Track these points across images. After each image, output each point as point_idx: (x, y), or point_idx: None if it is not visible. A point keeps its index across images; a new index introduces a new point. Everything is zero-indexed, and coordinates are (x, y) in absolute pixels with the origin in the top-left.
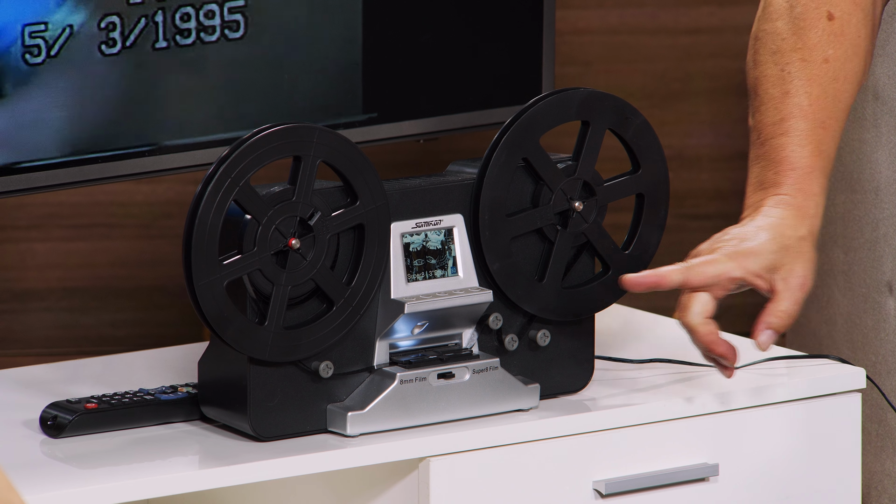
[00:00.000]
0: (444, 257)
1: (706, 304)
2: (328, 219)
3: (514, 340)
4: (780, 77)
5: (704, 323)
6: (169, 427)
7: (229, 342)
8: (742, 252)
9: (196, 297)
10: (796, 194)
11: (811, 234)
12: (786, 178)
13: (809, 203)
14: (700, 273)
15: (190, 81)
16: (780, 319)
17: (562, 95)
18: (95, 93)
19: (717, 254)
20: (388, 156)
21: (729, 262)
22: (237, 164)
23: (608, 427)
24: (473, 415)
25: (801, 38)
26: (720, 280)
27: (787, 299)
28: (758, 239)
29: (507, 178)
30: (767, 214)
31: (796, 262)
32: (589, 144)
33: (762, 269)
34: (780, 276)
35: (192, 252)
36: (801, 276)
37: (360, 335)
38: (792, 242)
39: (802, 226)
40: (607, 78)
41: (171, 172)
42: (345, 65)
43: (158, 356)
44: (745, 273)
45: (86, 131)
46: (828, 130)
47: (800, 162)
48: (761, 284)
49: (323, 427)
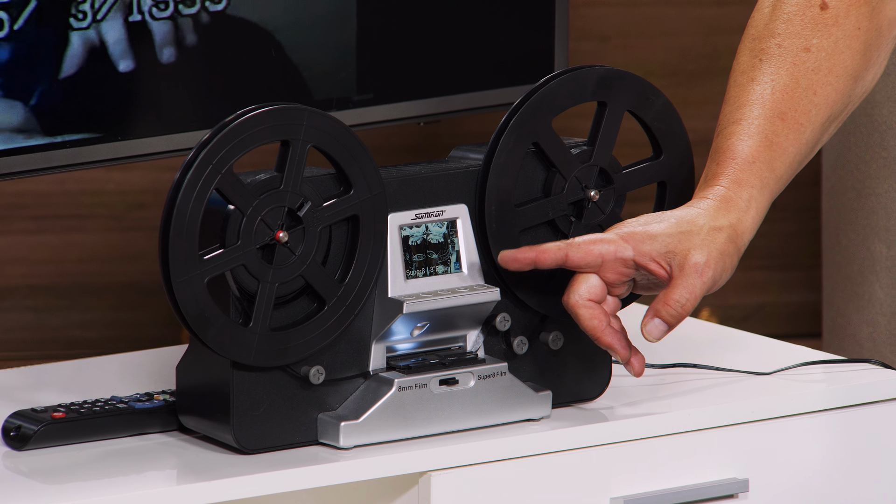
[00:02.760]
0: (447, 252)
1: (594, 287)
2: (319, 209)
3: (523, 343)
4: (751, 65)
5: (587, 306)
6: (144, 438)
7: (210, 345)
8: (638, 234)
9: (174, 296)
10: (730, 185)
11: (731, 227)
12: (724, 168)
13: (741, 195)
14: (584, 250)
15: (167, 58)
16: (672, 308)
17: (576, 74)
18: (63, 70)
19: (610, 233)
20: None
21: (620, 242)
22: (219, 149)
23: (627, 439)
24: (479, 425)
25: (785, 24)
26: (607, 260)
27: (681, 287)
28: (662, 223)
29: (516, 165)
30: (692, 205)
31: (696, 248)
32: (606, 128)
33: (657, 252)
34: (677, 262)
35: (169, 246)
36: (699, 263)
37: (354, 337)
38: (699, 230)
39: (723, 217)
40: (626, 54)
41: (147, 158)
42: (338, 39)
43: (132, 360)
44: (638, 255)
45: (51, 113)
46: (788, 123)
47: (742, 152)
48: (657, 269)
49: (313, 438)
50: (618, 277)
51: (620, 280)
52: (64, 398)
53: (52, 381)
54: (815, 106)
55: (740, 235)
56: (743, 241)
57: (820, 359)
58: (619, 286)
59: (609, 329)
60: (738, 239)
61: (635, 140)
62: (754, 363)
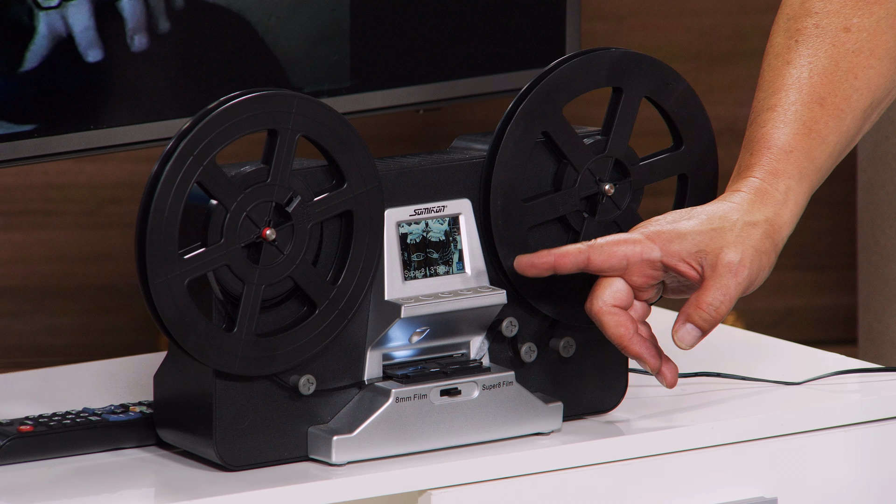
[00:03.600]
0: (449, 251)
1: (619, 292)
2: (309, 205)
3: (532, 350)
4: (787, 46)
5: (613, 312)
6: (119, 454)
7: (191, 352)
8: (666, 232)
9: (151, 299)
10: (765, 177)
11: (768, 222)
12: (759, 158)
13: (778, 187)
14: (607, 252)
15: (145, 40)
16: (705, 312)
17: (589, 57)
18: (30, 53)
19: (634, 232)
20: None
21: (647, 243)
22: (201, 138)
23: (645, 454)
24: (484, 439)
25: (822, 3)
26: (633, 262)
27: (714, 288)
28: (692, 220)
29: (524, 156)
30: (724, 199)
31: (730, 246)
32: (622, 116)
33: (687, 252)
34: (709, 262)
35: (146, 244)
36: (733, 262)
37: (347, 344)
38: (732, 226)
39: (758, 211)
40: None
41: (122, 149)
42: (329, 19)
43: (106, 369)
44: (666, 255)
45: (16, 99)
46: (827, 109)
47: (778, 141)
48: (687, 271)
49: (304, 454)
50: (645, 281)
51: (648, 283)
52: (31, 410)
53: (18, 391)
54: (856, 91)
55: (777, 231)
56: (781, 236)
57: (855, 367)
58: (647, 290)
59: (637, 337)
60: (775, 234)
61: (654, 129)
62: (783, 372)
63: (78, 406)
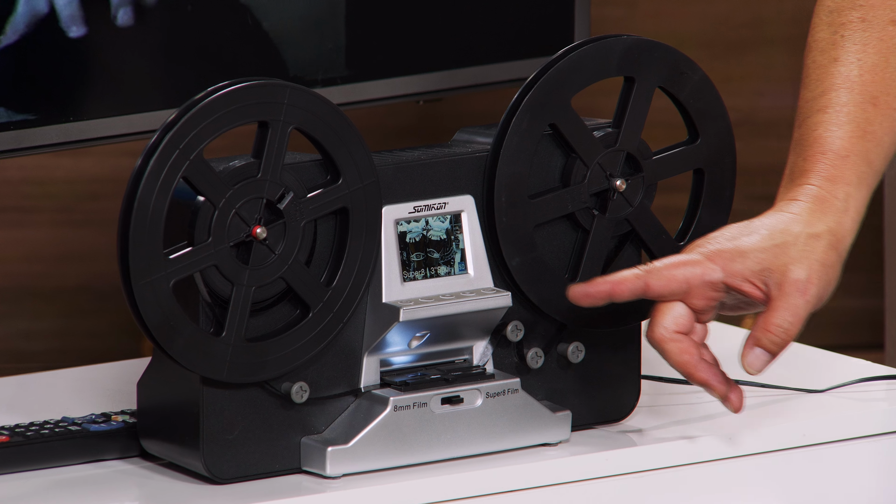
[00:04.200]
0: (450, 250)
1: (680, 317)
2: (302, 201)
3: (538, 356)
4: (832, 42)
5: (676, 339)
6: (100, 466)
7: (177, 358)
8: (727, 251)
9: (135, 301)
10: (823, 184)
11: (831, 233)
12: (815, 164)
13: (837, 194)
14: (666, 277)
15: (128, 25)
16: (774, 335)
17: (599, 45)
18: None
19: (693, 253)
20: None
21: (707, 264)
22: (187, 131)
23: (658, 466)
24: (487, 450)
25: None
26: (694, 285)
27: (782, 309)
28: (753, 236)
29: (530, 150)
30: (782, 209)
31: (796, 262)
32: (634, 107)
33: (751, 271)
34: (775, 281)
35: (129, 243)
36: (800, 280)
37: (342, 349)
38: (795, 240)
39: (820, 221)
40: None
41: (102, 142)
42: (324, 4)
43: (86, 375)
44: (728, 276)
45: None
46: (881, 109)
47: (833, 144)
48: (751, 291)
49: (296, 466)
50: (706, 303)
51: (709, 305)
52: (7, 420)
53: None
54: None
55: (841, 241)
56: (844, 246)
57: (882, 374)
58: (707, 311)
59: (703, 364)
60: (839, 245)
61: (668, 121)
62: (806, 379)
63: (56, 415)
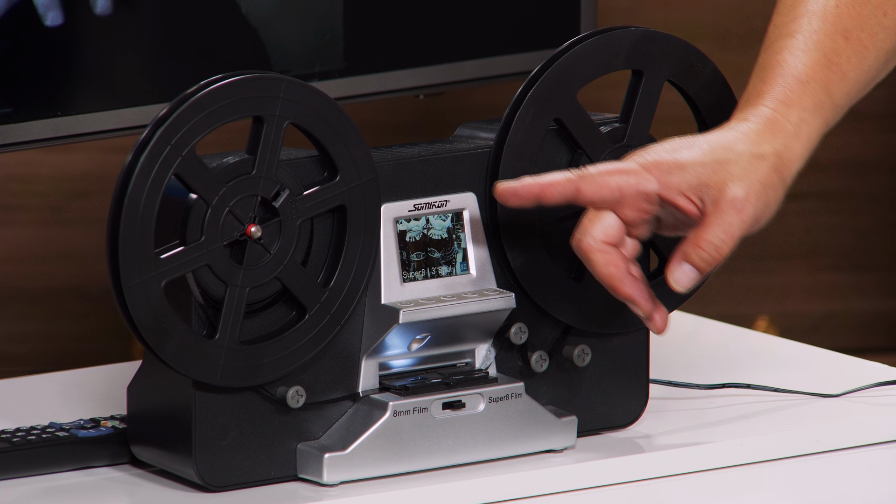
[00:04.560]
0: (452, 250)
1: (610, 227)
2: (299, 199)
3: (543, 359)
4: None
5: (603, 250)
6: (89, 473)
7: (168, 361)
8: (665, 163)
9: (124, 302)
10: (777, 106)
11: (777, 155)
12: (772, 86)
13: (790, 117)
14: (598, 183)
15: (118, 17)
16: (704, 251)
17: (606, 37)
18: None
19: (629, 162)
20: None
21: (643, 174)
22: (179, 126)
23: (667, 473)
24: (490, 457)
25: None
26: (627, 195)
27: (715, 225)
28: (693, 150)
29: (535, 146)
30: (730, 127)
31: (735, 180)
32: (642, 101)
33: (688, 185)
34: (711, 197)
35: (119, 243)
36: (738, 198)
37: (340, 352)
38: (738, 158)
39: (767, 143)
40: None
41: (91, 138)
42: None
43: (74, 379)
44: (664, 189)
45: None
46: (853, 43)
47: (795, 68)
48: (686, 206)
49: (292, 473)
50: (639, 215)
51: (641, 218)
52: None
53: None
54: (883, 29)
55: (787, 165)
56: (790, 171)
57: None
58: (640, 226)
59: (629, 277)
60: (784, 169)
61: (678, 115)
62: (820, 383)
63: (43, 420)
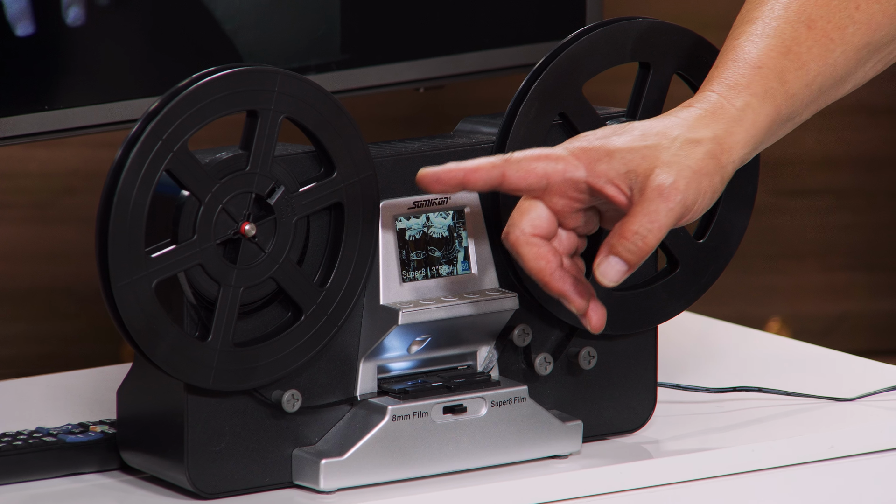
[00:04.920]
0: (453, 248)
1: (538, 219)
2: (294, 196)
3: (547, 362)
4: None
5: (532, 243)
6: (77, 480)
7: (159, 364)
8: (593, 149)
9: (114, 303)
10: (724, 91)
11: (715, 140)
12: (723, 71)
13: (735, 101)
14: (524, 168)
15: (107, 7)
16: (630, 241)
17: (613, 28)
18: None
19: (558, 148)
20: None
21: (571, 160)
22: (170, 121)
23: (676, 480)
24: (492, 463)
25: None
26: (554, 182)
27: (641, 214)
28: (624, 136)
29: (539, 141)
30: (672, 113)
31: (663, 166)
32: (650, 95)
33: (616, 173)
34: (638, 185)
35: (108, 241)
36: (664, 185)
37: (337, 355)
38: (670, 143)
39: (706, 127)
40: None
41: (79, 132)
42: None
43: (62, 383)
44: (591, 176)
45: None
46: (815, 33)
47: (747, 54)
48: (615, 195)
49: (287, 480)
50: (568, 204)
51: (573, 208)
52: None
53: None
54: (853, 23)
55: (726, 151)
56: (730, 158)
57: None
58: (573, 217)
59: (559, 272)
60: (722, 155)
61: None
62: (834, 386)
63: (30, 425)
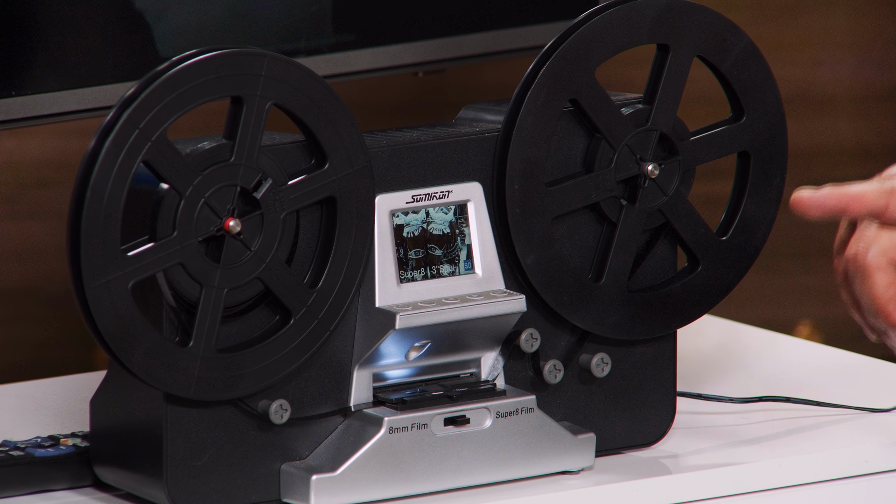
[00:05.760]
0: (455, 246)
1: None
2: (283, 189)
3: (557, 369)
4: None
5: (888, 270)
6: (48, 497)
7: (136, 371)
8: None
9: (87, 305)
10: None
11: None
12: None
13: None
14: None
15: None
16: None
17: (628, 7)
18: None
19: None
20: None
21: None
22: (148, 107)
23: (696, 498)
24: (498, 479)
25: None
26: None
27: None
28: None
29: (548, 130)
30: None
31: None
32: (668, 79)
33: None
34: None
35: (81, 238)
36: None
37: (329, 362)
38: None
39: None
40: None
41: (50, 120)
42: None
43: (31, 392)
44: None
45: None
46: None
47: None
48: None
49: (275, 497)
50: None
51: None
52: None
53: None
54: None
55: None
56: None
57: None
58: None
59: None
60: None
61: (709, 96)
62: (870, 396)
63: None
